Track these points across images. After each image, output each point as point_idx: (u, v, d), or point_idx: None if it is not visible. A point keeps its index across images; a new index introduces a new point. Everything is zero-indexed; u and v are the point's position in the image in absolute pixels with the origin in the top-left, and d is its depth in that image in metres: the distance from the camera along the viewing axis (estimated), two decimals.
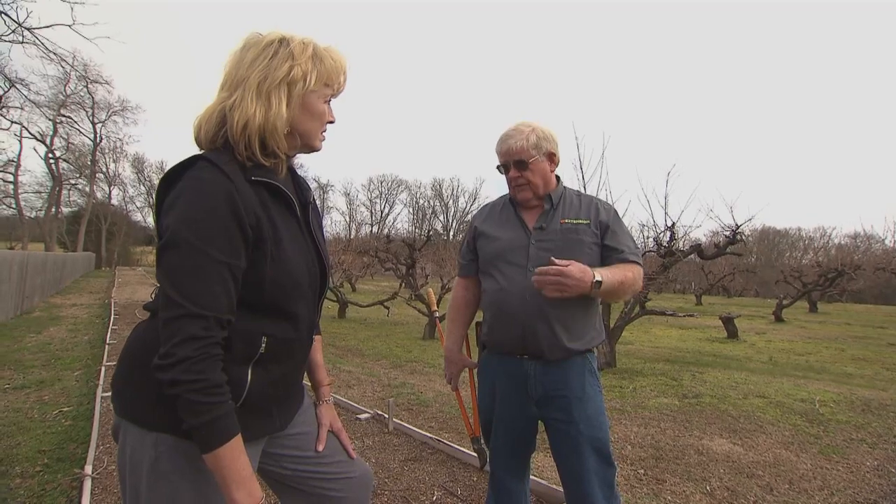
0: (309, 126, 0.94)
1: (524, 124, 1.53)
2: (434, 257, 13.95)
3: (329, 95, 0.96)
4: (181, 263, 0.77)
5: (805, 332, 13.20)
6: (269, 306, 0.87)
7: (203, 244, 0.77)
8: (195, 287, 0.77)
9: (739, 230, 6.09)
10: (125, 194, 42.08)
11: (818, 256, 27.03)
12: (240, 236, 0.81)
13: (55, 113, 26.74)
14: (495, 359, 1.56)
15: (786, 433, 3.47)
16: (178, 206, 0.79)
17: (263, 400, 0.91)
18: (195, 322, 0.76)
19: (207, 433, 0.76)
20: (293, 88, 0.89)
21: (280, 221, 0.89)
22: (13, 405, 3.64)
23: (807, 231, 46.40)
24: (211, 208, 0.78)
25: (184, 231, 0.77)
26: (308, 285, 0.94)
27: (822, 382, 5.79)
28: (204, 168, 0.81)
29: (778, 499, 2.43)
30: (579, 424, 1.41)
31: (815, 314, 19.26)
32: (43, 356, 5.50)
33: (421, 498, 2.30)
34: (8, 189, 27.16)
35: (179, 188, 0.80)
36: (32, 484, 2.37)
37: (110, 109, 30.68)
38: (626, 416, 3.90)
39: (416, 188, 60.16)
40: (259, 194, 0.86)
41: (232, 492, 0.78)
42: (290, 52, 0.89)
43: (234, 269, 0.80)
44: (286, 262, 0.88)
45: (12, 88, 20.04)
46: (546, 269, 1.28)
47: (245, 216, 0.81)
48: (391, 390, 4.47)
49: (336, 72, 0.95)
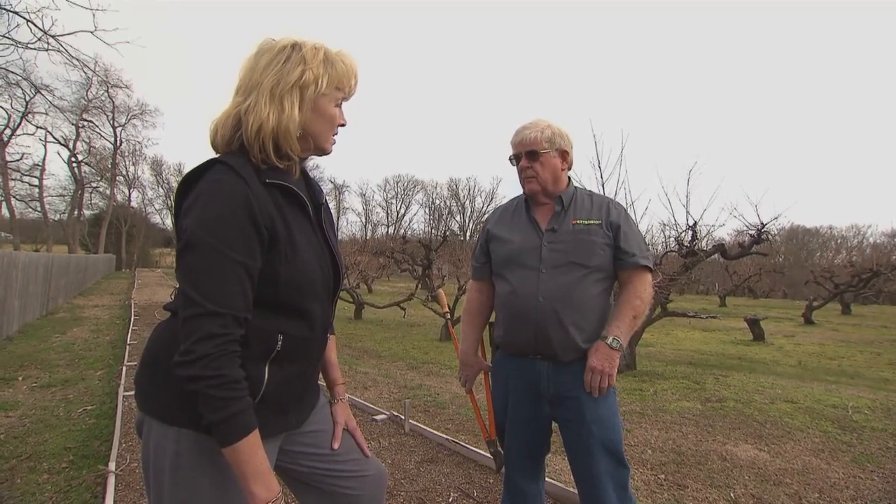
0: (320, 129, 0.96)
1: (542, 120, 1.55)
2: (450, 258, 13.93)
3: (340, 99, 0.98)
4: (199, 264, 0.80)
5: (837, 336, 12.70)
6: (284, 305, 0.89)
7: (220, 245, 0.80)
8: (213, 286, 0.79)
9: (765, 229, 5.91)
10: (144, 196, 43.19)
11: (852, 256, 25.98)
12: (255, 237, 0.83)
13: (78, 117, 27.60)
14: (509, 360, 1.56)
15: (816, 440, 3.33)
16: (197, 209, 0.81)
17: (280, 397, 0.93)
18: (213, 320, 0.78)
19: (226, 428, 0.78)
20: (305, 92, 0.91)
21: (294, 222, 0.91)
22: (40, 403, 3.78)
23: (839, 230, 44.67)
24: (228, 210, 0.81)
25: (202, 232, 0.80)
26: (321, 284, 0.96)
27: (855, 388, 5.56)
28: (221, 171, 0.84)
29: None
30: (592, 425, 1.40)
31: (848, 316, 18.51)
32: (67, 356, 5.70)
33: (437, 499, 2.29)
34: (34, 193, 28.10)
35: (197, 191, 0.83)
36: (59, 480, 2.45)
37: (130, 113, 31.44)
38: (647, 419, 3.81)
39: (432, 188, 60.19)
40: (273, 196, 0.88)
41: (250, 485, 0.79)
42: (303, 57, 0.91)
43: (250, 268, 0.82)
44: (300, 261, 0.90)
45: (38, 94, 20.92)
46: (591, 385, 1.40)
47: (260, 217, 0.83)
48: (407, 392, 4.48)
49: (347, 76, 0.96)
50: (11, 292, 7.06)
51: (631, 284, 1.48)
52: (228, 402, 0.78)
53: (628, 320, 1.43)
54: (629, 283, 1.48)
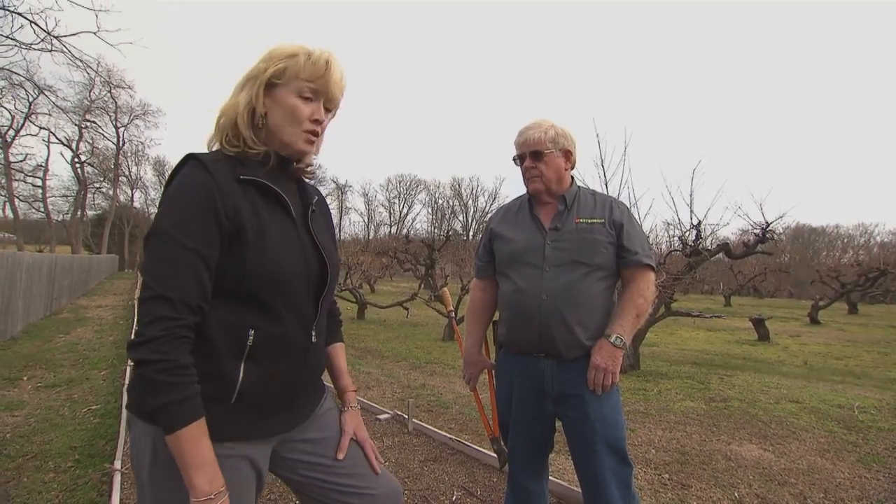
0: (279, 120, 0.94)
1: (545, 120, 1.56)
2: (454, 257, 13.93)
3: (305, 90, 0.95)
4: (156, 251, 0.83)
5: (844, 335, 12.60)
6: (254, 298, 0.89)
7: (176, 234, 0.82)
8: (166, 272, 0.81)
9: (770, 228, 5.88)
10: (147, 197, 43.10)
11: (858, 255, 25.73)
12: (215, 227, 0.84)
13: (80, 118, 27.70)
14: (512, 358, 1.56)
15: (821, 440, 3.31)
16: (163, 201, 0.86)
17: (262, 398, 0.91)
18: (164, 304, 0.79)
19: (168, 414, 0.77)
20: (257, 79, 0.93)
21: (267, 217, 0.91)
22: (45, 403, 3.81)
23: (846, 228, 44.30)
24: (188, 202, 0.84)
25: (161, 222, 0.84)
26: (299, 281, 0.94)
27: (862, 388, 5.51)
28: (190, 166, 0.87)
29: None
30: (595, 423, 1.41)
31: (855, 316, 18.35)
32: (72, 356, 5.74)
33: (441, 498, 2.30)
34: (37, 193, 28.22)
35: (170, 185, 0.87)
36: (65, 478, 2.47)
37: (132, 113, 31.53)
38: (651, 419, 3.80)
39: (434, 188, 60.24)
40: (247, 191, 0.90)
41: (191, 477, 0.78)
42: (269, 54, 0.95)
43: (207, 258, 0.84)
44: (270, 254, 0.89)
45: (41, 95, 21.04)
46: (594, 382, 1.40)
47: (223, 209, 0.85)
48: (411, 391, 4.48)
49: (312, 68, 0.94)
50: (16, 293, 7.11)
51: (634, 283, 1.48)
52: (171, 388, 0.77)
53: (631, 318, 1.43)
54: (632, 282, 1.49)
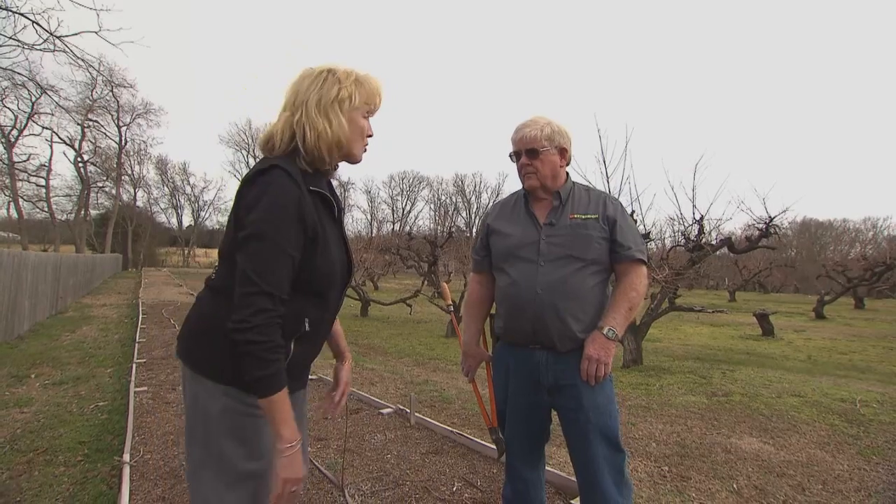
0: (353, 138, 1.13)
1: (541, 117, 1.58)
2: (457, 254, 13.95)
3: (367, 112, 1.16)
4: (261, 251, 0.98)
5: (849, 330, 12.54)
6: (315, 292, 1.08)
7: (279, 238, 0.98)
8: (269, 271, 0.97)
9: (773, 223, 5.86)
10: (150, 196, 43.27)
11: (866, 249, 25.49)
12: (302, 234, 1.02)
13: (83, 117, 27.58)
14: (509, 350, 1.60)
15: (822, 433, 3.33)
16: (262, 206, 0.99)
17: (298, 366, 1.12)
18: (267, 298, 0.96)
19: (268, 383, 0.96)
20: (342, 106, 1.09)
21: (327, 223, 1.11)
22: (53, 399, 3.87)
23: (853, 223, 43.68)
24: (286, 210, 0.99)
25: (265, 227, 0.98)
26: (340, 275, 1.15)
27: (865, 382, 5.51)
28: (281, 175, 1.01)
29: (810, 499, 2.35)
30: (589, 412, 1.44)
31: (861, 311, 18.24)
32: (78, 354, 5.81)
33: (441, 489, 2.34)
34: (41, 193, 28.23)
35: (261, 189, 1.00)
36: (75, 472, 2.53)
37: (134, 112, 31.37)
38: (652, 413, 3.82)
39: (437, 185, 59.92)
40: (315, 201, 1.07)
41: (280, 429, 0.97)
42: (337, 78, 1.11)
43: (296, 260, 1.02)
44: (330, 256, 1.09)
45: (43, 95, 21.04)
46: (587, 373, 1.44)
47: (307, 218, 1.02)
48: (414, 387, 4.52)
49: (373, 93, 1.15)
50: (22, 292, 7.18)
51: (626, 277, 1.51)
52: (272, 363, 0.96)
53: (624, 311, 1.47)
54: (625, 276, 1.52)
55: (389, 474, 2.49)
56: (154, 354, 5.65)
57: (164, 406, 3.64)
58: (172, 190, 46.68)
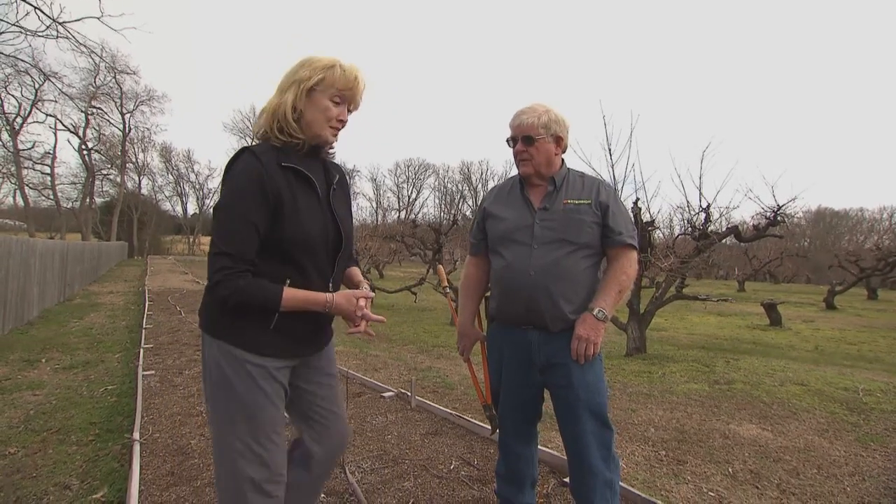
0: (313, 116, 1.23)
1: (539, 104, 1.61)
2: (462, 242, 13.95)
3: (336, 96, 1.23)
4: (222, 220, 1.14)
5: (860, 321, 12.40)
6: (288, 256, 1.19)
7: (238, 207, 1.13)
8: (228, 234, 1.13)
9: (781, 211, 5.78)
10: (154, 184, 43.33)
11: (882, 239, 24.99)
12: (263, 202, 1.14)
13: (86, 105, 27.72)
14: (502, 330, 1.64)
15: (821, 420, 3.33)
16: (226, 183, 1.17)
17: (292, 329, 1.22)
18: (227, 258, 1.11)
19: (269, 303, 1.14)
20: (300, 85, 1.21)
21: (299, 193, 1.20)
22: (64, 383, 3.99)
23: (871, 212, 42.69)
24: (245, 183, 1.14)
25: (227, 199, 1.15)
26: (321, 244, 1.24)
27: (871, 372, 5.48)
28: (245, 156, 1.17)
29: (804, 483, 2.37)
30: (579, 390, 1.49)
31: (874, 301, 18.00)
32: (86, 340, 5.94)
33: (439, 467, 2.40)
34: (46, 181, 28.49)
35: (228, 172, 1.17)
36: (87, 451, 2.62)
37: (138, 99, 31.40)
38: (653, 400, 3.85)
39: (444, 172, 59.65)
40: (286, 175, 1.19)
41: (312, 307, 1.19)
42: (308, 63, 1.22)
43: (258, 225, 1.14)
44: (302, 224, 1.19)
45: (47, 82, 21.16)
46: (578, 352, 1.48)
47: (269, 190, 1.14)
48: (417, 374, 4.57)
49: (343, 78, 1.23)
50: (30, 279, 7.33)
51: (617, 261, 1.55)
52: (253, 296, 1.13)
53: (614, 294, 1.51)
54: (616, 260, 1.56)
55: (389, 453, 2.55)
56: (161, 340, 5.78)
57: (171, 389, 3.74)
58: (177, 178, 46.76)
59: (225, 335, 1.18)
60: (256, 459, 1.16)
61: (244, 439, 1.15)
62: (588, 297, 1.53)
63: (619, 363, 5.52)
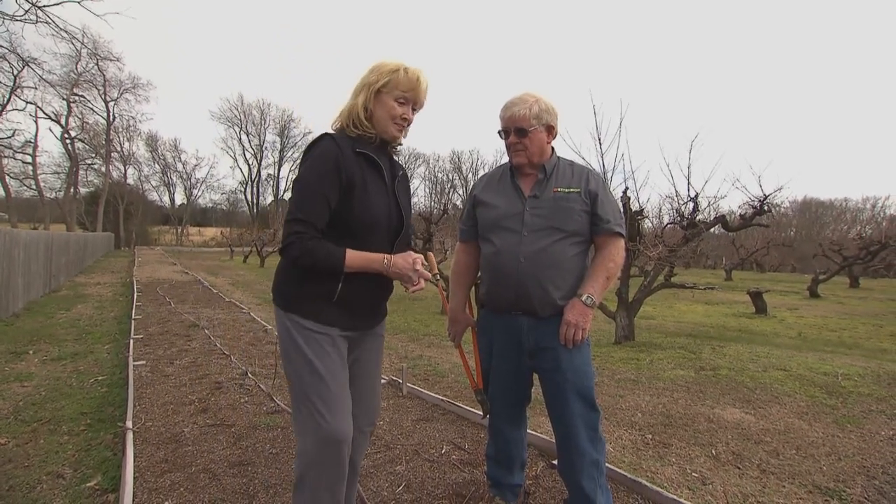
0: (380, 115, 1.41)
1: (529, 95, 1.61)
2: (452, 231, 13.98)
3: (401, 98, 1.40)
4: (300, 190, 1.31)
5: (842, 309, 12.68)
6: (354, 233, 1.35)
7: (314, 180, 1.30)
8: (303, 204, 1.29)
9: (767, 200, 5.87)
10: (140, 173, 42.30)
11: (865, 229, 25.47)
12: (337, 180, 1.31)
13: (68, 92, 26.60)
14: (492, 316, 1.67)
15: (801, 404, 3.44)
16: (306, 160, 1.34)
17: (353, 303, 1.38)
18: (300, 224, 1.28)
19: (336, 264, 1.30)
20: (370, 87, 1.39)
21: (369, 178, 1.38)
22: (53, 374, 3.95)
23: (854, 202, 43.36)
24: (322, 161, 1.31)
25: (305, 172, 1.33)
26: (384, 226, 1.41)
27: (850, 357, 5.63)
28: (325, 140, 1.36)
29: (783, 463, 2.45)
30: (567, 373, 1.53)
31: (856, 290, 18.39)
32: (74, 331, 5.87)
33: (430, 451, 2.45)
34: (27, 170, 27.41)
35: (308, 151, 1.35)
36: (79, 440, 2.62)
37: (122, 87, 30.38)
38: (640, 386, 3.93)
39: (434, 162, 59.16)
40: (359, 160, 1.36)
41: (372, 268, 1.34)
42: (378, 68, 1.40)
43: (330, 199, 1.31)
44: (369, 204, 1.36)
45: (26, 68, 20.20)
46: (566, 337, 1.53)
47: (343, 170, 1.31)
48: (409, 362, 4.62)
49: (407, 81, 1.39)
50: (14, 270, 7.18)
51: (605, 248, 1.58)
52: (319, 256, 1.28)
53: (602, 280, 1.53)
54: (604, 248, 1.59)
55: (381, 439, 2.59)
56: (151, 331, 5.73)
57: (162, 378, 3.74)
58: (164, 167, 45.62)
59: (295, 309, 1.35)
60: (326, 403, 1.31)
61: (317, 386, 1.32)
62: (576, 283, 1.56)
63: (608, 350, 5.61)
